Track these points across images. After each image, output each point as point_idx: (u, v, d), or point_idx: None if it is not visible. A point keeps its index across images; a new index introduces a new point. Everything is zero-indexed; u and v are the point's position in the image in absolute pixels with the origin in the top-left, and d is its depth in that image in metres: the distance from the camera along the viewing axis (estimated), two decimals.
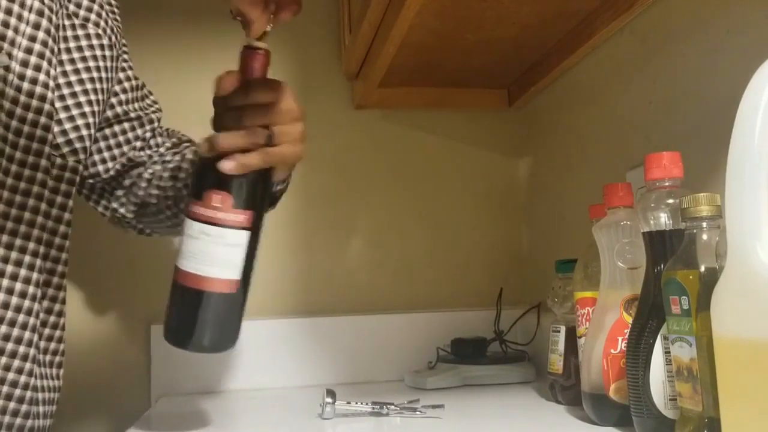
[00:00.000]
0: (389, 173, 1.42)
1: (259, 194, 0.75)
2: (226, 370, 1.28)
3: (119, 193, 0.96)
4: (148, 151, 0.96)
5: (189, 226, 0.72)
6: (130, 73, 0.96)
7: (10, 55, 0.74)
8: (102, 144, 0.92)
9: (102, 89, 0.87)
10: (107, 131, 0.93)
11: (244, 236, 0.72)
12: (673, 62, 0.93)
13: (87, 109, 0.84)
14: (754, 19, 0.78)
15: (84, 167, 0.92)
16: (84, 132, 0.84)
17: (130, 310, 1.30)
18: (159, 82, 1.32)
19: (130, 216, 0.97)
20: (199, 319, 0.73)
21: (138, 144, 0.95)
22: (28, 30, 0.76)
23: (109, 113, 0.92)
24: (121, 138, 0.94)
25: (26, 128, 0.76)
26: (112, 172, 0.93)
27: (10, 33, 0.74)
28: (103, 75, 0.87)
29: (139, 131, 0.95)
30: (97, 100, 0.86)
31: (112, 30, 0.90)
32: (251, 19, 0.68)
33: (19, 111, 0.75)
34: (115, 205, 0.96)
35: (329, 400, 0.91)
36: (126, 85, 0.94)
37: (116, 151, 0.93)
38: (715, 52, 0.84)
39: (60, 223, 0.81)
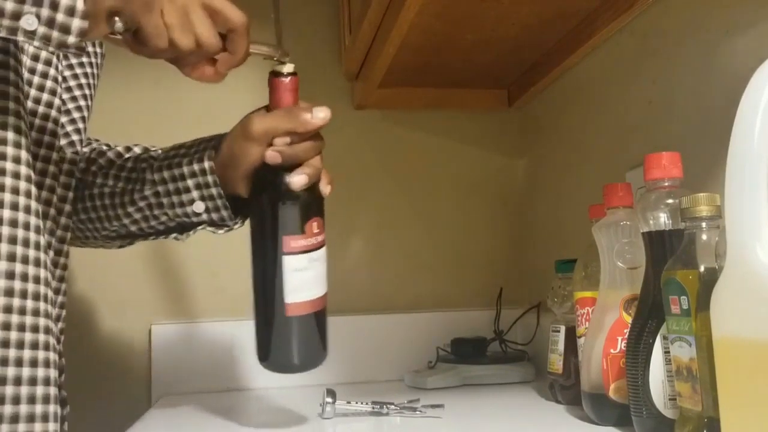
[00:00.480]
0: (389, 173, 1.42)
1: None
2: (226, 370, 1.28)
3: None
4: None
5: (293, 262, 0.74)
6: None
7: (22, 50, 0.74)
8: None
9: (93, 84, 0.86)
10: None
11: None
12: (673, 62, 0.93)
13: (82, 102, 0.84)
14: (753, 19, 0.78)
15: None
16: (80, 125, 0.83)
17: (130, 310, 1.30)
18: (160, 81, 1.33)
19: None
20: (320, 337, 0.77)
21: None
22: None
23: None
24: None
25: (38, 122, 0.75)
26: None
27: None
28: (95, 71, 0.87)
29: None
30: (90, 95, 0.86)
31: None
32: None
33: (30, 105, 0.75)
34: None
35: (329, 399, 0.91)
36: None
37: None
38: (715, 53, 0.84)
39: (47, 219, 0.80)
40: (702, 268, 0.63)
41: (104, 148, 0.91)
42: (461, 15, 1.05)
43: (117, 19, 0.61)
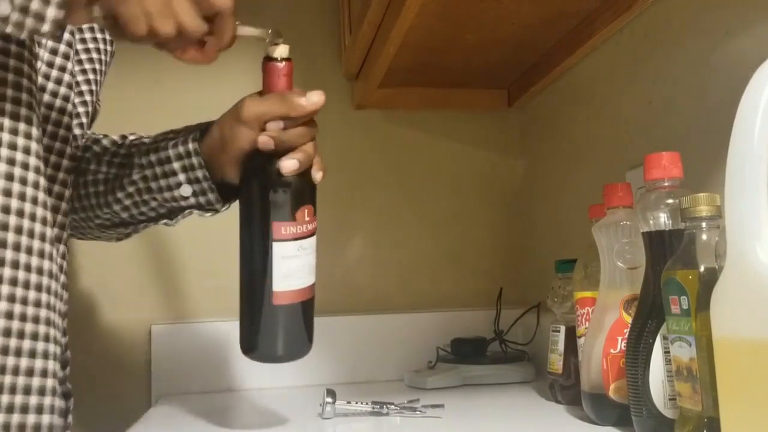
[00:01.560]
0: (389, 173, 1.42)
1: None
2: (226, 370, 1.28)
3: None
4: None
5: (283, 249, 0.73)
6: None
7: (39, 44, 0.73)
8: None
9: (96, 80, 0.86)
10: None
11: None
12: (673, 62, 0.93)
13: (88, 98, 0.84)
14: (753, 20, 0.78)
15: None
16: (84, 120, 0.83)
17: (130, 310, 1.29)
18: (160, 81, 1.33)
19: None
20: (306, 328, 0.76)
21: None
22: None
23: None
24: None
25: (54, 115, 0.75)
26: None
27: None
28: (99, 68, 0.87)
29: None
30: (94, 91, 0.85)
31: None
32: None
33: (47, 98, 0.74)
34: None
35: (329, 399, 0.91)
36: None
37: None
38: (715, 53, 0.84)
39: (57, 213, 0.80)
40: (702, 268, 0.63)
41: (100, 136, 0.90)
42: (461, 15, 1.05)
43: (95, 7, 0.60)
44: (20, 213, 0.64)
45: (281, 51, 0.74)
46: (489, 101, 1.42)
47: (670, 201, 0.70)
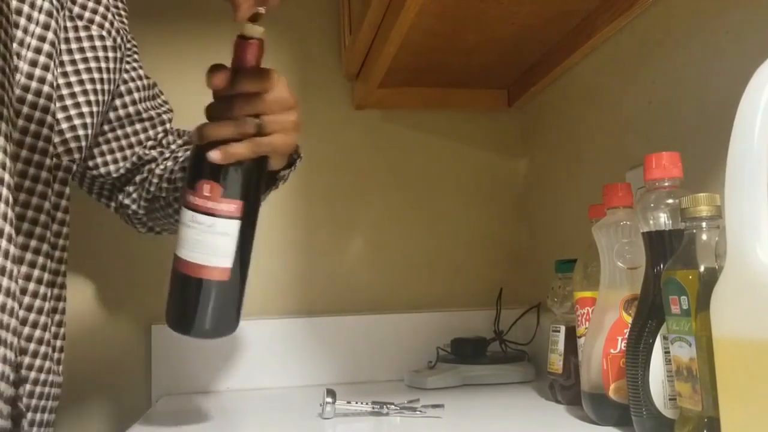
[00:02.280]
0: (389, 173, 1.42)
1: (253, 184, 0.75)
2: (226, 370, 1.28)
3: (130, 189, 0.97)
4: (159, 149, 0.97)
5: (183, 215, 0.74)
6: (141, 72, 0.97)
7: (18, 55, 0.74)
8: (114, 144, 0.93)
9: (103, 90, 0.87)
10: (119, 132, 0.93)
11: (234, 225, 0.74)
12: (673, 62, 0.93)
13: (85, 109, 0.84)
14: (754, 20, 0.78)
15: (94, 167, 0.93)
16: (81, 132, 0.84)
17: (130, 310, 1.30)
18: (161, 81, 1.33)
19: (141, 212, 0.97)
20: (198, 305, 0.75)
21: (149, 143, 0.96)
22: (38, 30, 0.77)
23: (121, 112, 0.93)
24: (133, 139, 0.95)
25: (33, 127, 0.76)
26: (122, 170, 0.94)
27: (19, 33, 0.75)
28: (105, 76, 0.87)
29: (151, 132, 0.96)
30: (97, 101, 0.86)
31: (117, 32, 0.90)
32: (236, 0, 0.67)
33: (26, 110, 0.75)
34: (127, 201, 0.97)
35: (329, 399, 0.91)
36: (138, 83, 0.95)
37: (128, 152, 0.94)
38: (715, 53, 0.84)
39: (54, 222, 0.81)
40: (702, 268, 0.63)
41: (171, 138, 0.97)
42: (461, 15, 1.05)
43: None
44: None
45: (254, 28, 0.73)
46: (489, 101, 1.42)
47: (670, 201, 0.70)
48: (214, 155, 0.72)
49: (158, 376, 1.26)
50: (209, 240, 0.73)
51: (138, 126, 0.95)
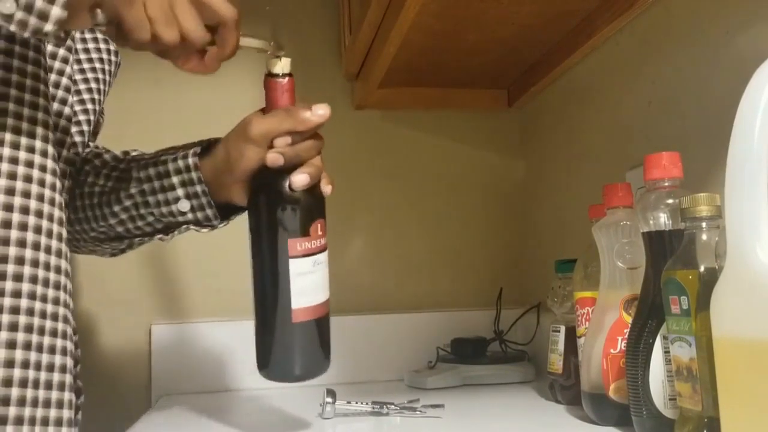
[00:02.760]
0: (389, 173, 1.42)
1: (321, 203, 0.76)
2: (226, 370, 1.28)
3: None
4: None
5: (300, 265, 0.72)
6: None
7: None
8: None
9: (103, 90, 0.87)
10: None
11: (326, 253, 0.74)
12: (673, 62, 0.93)
13: (90, 106, 0.84)
14: (754, 20, 0.78)
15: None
16: (85, 128, 0.83)
17: (131, 310, 1.29)
18: (160, 81, 1.33)
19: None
20: (323, 344, 0.75)
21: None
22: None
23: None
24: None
25: (62, 122, 0.74)
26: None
27: None
28: (105, 77, 0.87)
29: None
30: (100, 100, 0.86)
31: None
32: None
33: (55, 106, 0.74)
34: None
35: (329, 399, 0.91)
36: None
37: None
38: (715, 52, 0.84)
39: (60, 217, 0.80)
40: (702, 268, 0.63)
41: (102, 150, 0.90)
42: (461, 15, 1.05)
43: (99, 11, 0.60)
44: (38, 214, 0.64)
45: (283, 66, 0.74)
46: (489, 101, 1.42)
47: (670, 201, 0.70)
48: (329, 189, 0.75)
49: (158, 376, 1.26)
50: (325, 274, 0.74)
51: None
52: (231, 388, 1.26)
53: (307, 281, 0.72)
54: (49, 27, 0.57)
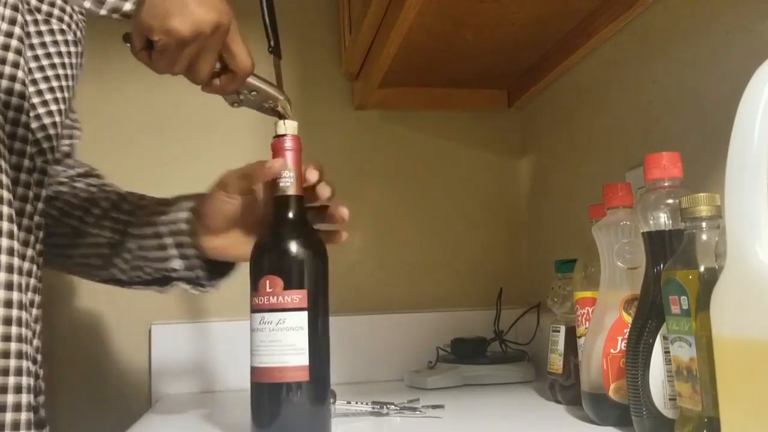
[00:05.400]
0: (389, 173, 1.42)
1: (313, 272, 0.74)
2: (226, 370, 1.28)
3: None
4: (57, 167, 0.92)
5: (252, 320, 0.73)
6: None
7: None
8: None
9: (68, 86, 0.83)
10: None
11: (303, 317, 0.71)
12: (673, 62, 0.93)
13: (53, 107, 0.81)
14: (754, 19, 0.78)
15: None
16: (51, 131, 0.80)
17: (130, 311, 1.29)
18: (160, 82, 1.33)
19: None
20: (290, 415, 0.73)
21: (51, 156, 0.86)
22: (5, 26, 0.73)
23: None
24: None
25: (8, 127, 0.72)
26: None
27: None
28: (69, 72, 0.84)
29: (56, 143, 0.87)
30: (63, 98, 0.83)
31: (77, 25, 0.86)
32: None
33: None
34: None
35: (329, 399, 0.91)
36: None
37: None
38: (715, 52, 0.84)
39: (39, 229, 0.77)
40: (702, 268, 0.63)
41: (94, 189, 0.91)
42: (461, 15, 1.05)
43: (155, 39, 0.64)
44: None
45: (288, 126, 0.76)
46: (489, 101, 1.42)
47: (670, 201, 0.70)
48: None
49: (158, 376, 1.26)
50: (281, 337, 0.71)
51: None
52: (231, 389, 1.27)
53: (256, 339, 0.72)
54: (128, 6, 0.62)
